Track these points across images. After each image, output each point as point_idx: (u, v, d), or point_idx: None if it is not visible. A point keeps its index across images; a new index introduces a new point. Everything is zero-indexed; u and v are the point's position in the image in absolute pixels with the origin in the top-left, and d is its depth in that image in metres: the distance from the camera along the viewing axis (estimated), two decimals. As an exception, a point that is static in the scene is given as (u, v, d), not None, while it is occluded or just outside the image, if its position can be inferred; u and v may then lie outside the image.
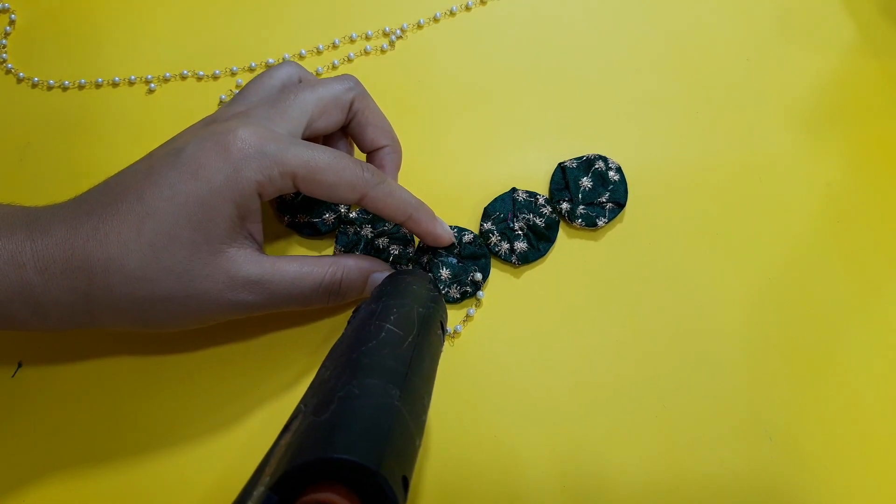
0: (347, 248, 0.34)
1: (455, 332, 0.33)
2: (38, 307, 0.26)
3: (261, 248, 0.29)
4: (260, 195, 0.28)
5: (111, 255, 0.26)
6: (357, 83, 0.33)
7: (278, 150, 0.27)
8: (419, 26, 0.42)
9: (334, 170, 0.28)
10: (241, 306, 0.28)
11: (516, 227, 0.35)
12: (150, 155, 0.28)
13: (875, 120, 0.39)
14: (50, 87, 0.39)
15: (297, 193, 0.35)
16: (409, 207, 0.31)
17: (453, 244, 0.33)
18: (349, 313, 0.33)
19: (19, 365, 0.32)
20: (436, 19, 0.42)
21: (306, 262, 0.29)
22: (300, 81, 0.33)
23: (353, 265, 0.31)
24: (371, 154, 0.34)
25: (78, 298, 0.26)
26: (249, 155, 0.27)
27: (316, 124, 0.31)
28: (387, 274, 0.31)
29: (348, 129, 0.33)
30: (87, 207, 0.27)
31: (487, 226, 0.35)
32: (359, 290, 0.31)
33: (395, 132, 0.34)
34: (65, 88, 0.39)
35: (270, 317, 0.33)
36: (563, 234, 0.36)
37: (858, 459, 0.31)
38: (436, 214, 0.32)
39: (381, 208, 0.30)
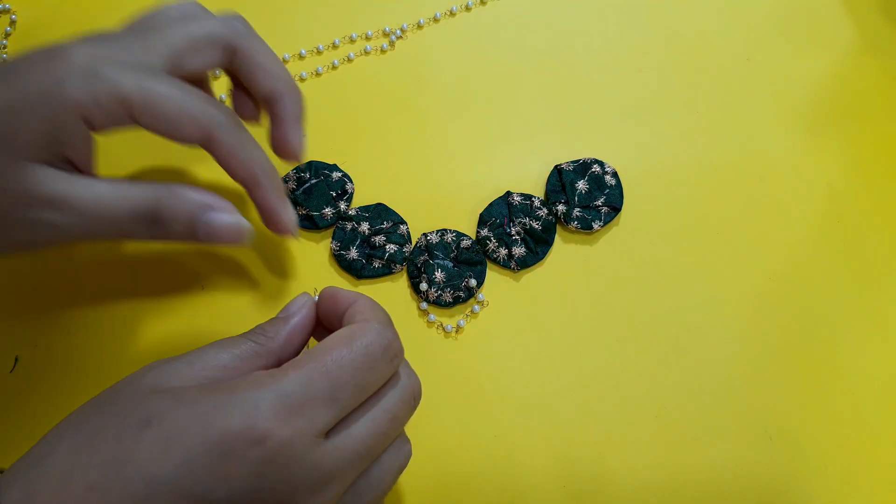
0: (343, 244, 0.34)
1: (458, 326, 0.33)
2: None
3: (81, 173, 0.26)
4: (87, 121, 0.24)
5: None
6: (243, 23, 0.29)
7: (112, 73, 0.24)
8: (419, 26, 0.42)
9: (177, 101, 0.25)
10: (45, 228, 0.25)
11: (513, 233, 0.35)
12: None
13: (875, 120, 0.39)
14: (50, 87, 0.39)
15: (297, 185, 0.35)
16: (258, 168, 0.27)
17: (291, 235, 0.30)
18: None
19: (16, 360, 0.32)
20: (436, 19, 0.42)
21: (121, 183, 0.25)
22: None
23: (181, 192, 0.26)
24: (267, 106, 0.30)
25: None
26: (75, 72, 0.24)
27: (184, 61, 0.27)
28: (227, 217, 0.26)
29: (239, 78, 0.29)
30: None
31: (484, 232, 0.35)
32: (186, 225, 0.26)
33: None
34: (65, 88, 0.39)
35: (275, 306, 0.33)
36: (559, 237, 0.36)
37: (858, 459, 0.31)
38: (286, 198, 0.29)
39: (227, 157, 0.26)
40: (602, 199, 0.36)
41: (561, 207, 0.35)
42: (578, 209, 0.35)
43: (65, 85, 0.23)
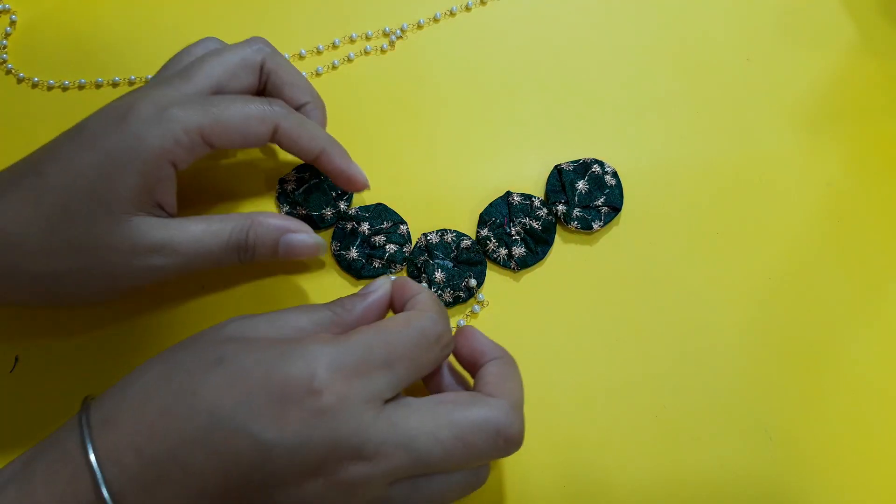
0: (344, 243, 0.34)
1: (458, 326, 0.33)
2: None
3: (171, 216, 0.29)
4: (172, 163, 0.27)
5: (9, 231, 0.26)
6: (266, 44, 0.32)
7: (178, 111, 0.27)
8: (419, 26, 0.42)
9: (239, 110, 0.28)
10: (151, 271, 0.28)
11: (513, 233, 0.35)
12: (58, 135, 0.29)
13: (875, 120, 0.39)
14: (50, 87, 0.39)
15: (297, 186, 0.35)
16: (322, 141, 0.30)
17: (366, 188, 0.33)
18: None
19: (16, 360, 0.32)
20: (436, 19, 0.42)
21: (213, 220, 0.29)
22: None
23: (263, 221, 0.30)
24: None
25: None
26: (148, 121, 0.27)
27: (226, 89, 0.30)
28: (304, 237, 0.30)
29: (266, 93, 0.33)
30: None
31: (484, 232, 0.35)
32: (270, 247, 0.30)
33: (330, 125, 0.34)
34: (65, 88, 0.40)
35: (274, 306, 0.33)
36: (559, 237, 0.35)
37: (858, 459, 0.31)
38: (352, 159, 0.32)
39: (295, 139, 0.30)
40: (602, 200, 0.36)
41: (561, 207, 0.35)
42: (578, 209, 0.35)
43: (145, 137, 0.26)
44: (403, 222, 0.35)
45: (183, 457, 0.22)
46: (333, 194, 0.35)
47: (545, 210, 0.35)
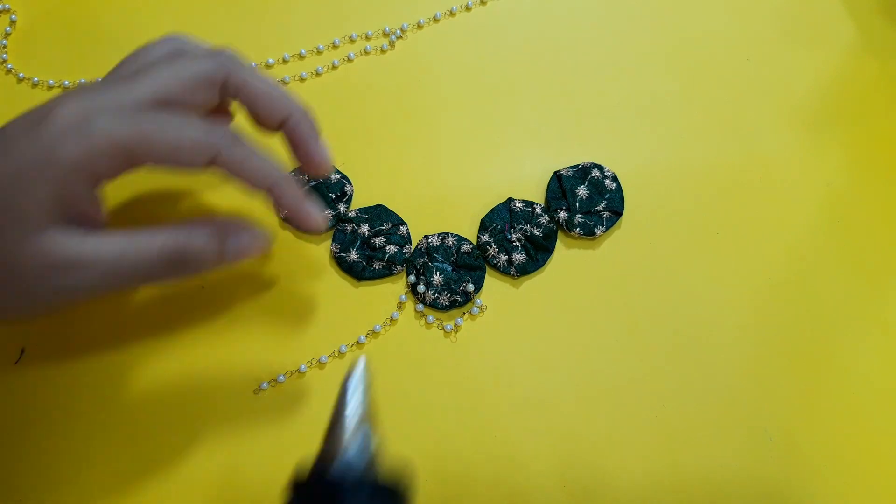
0: (344, 246, 0.34)
1: (456, 325, 0.33)
2: None
3: (95, 229, 0.26)
4: (90, 175, 0.24)
5: None
6: (232, 57, 0.28)
7: (102, 122, 0.24)
8: (419, 26, 0.42)
9: (174, 129, 0.25)
10: (69, 290, 0.25)
11: (514, 239, 0.35)
12: None
13: (875, 120, 0.39)
14: (50, 87, 0.39)
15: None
16: (270, 177, 0.27)
17: (322, 230, 0.30)
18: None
19: (22, 352, 0.32)
20: (436, 19, 0.42)
21: (139, 232, 0.25)
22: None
23: (200, 229, 0.26)
24: (281, 130, 0.29)
25: None
26: (66, 130, 0.24)
27: (175, 102, 0.26)
28: (249, 235, 0.27)
29: (242, 109, 0.29)
30: None
31: (485, 238, 0.35)
32: (213, 257, 0.26)
33: (305, 104, 0.29)
34: (65, 88, 0.39)
35: (275, 308, 0.33)
36: (560, 243, 0.35)
37: (858, 459, 0.31)
38: (304, 196, 0.29)
39: (237, 173, 0.26)
40: (603, 204, 0.35)
41: (563, 214, 0.35)
42: (580, 215, 0.35)
43: (59, 147, 0.23)
44: (403, 223, 0.35)
45: None
46: (332, 196, 0.35)
47: (546, 217, 0.35)
